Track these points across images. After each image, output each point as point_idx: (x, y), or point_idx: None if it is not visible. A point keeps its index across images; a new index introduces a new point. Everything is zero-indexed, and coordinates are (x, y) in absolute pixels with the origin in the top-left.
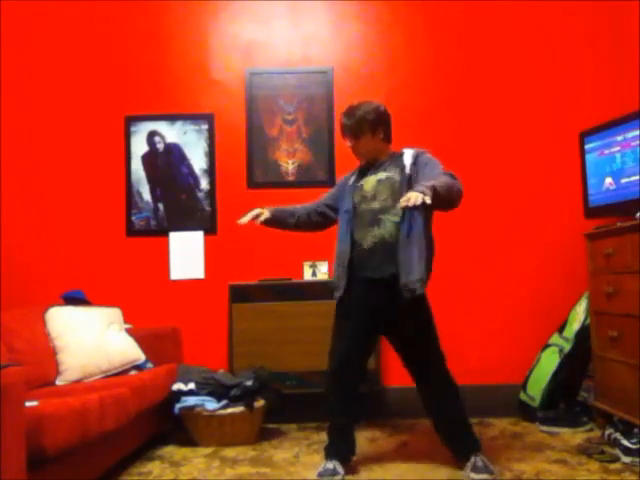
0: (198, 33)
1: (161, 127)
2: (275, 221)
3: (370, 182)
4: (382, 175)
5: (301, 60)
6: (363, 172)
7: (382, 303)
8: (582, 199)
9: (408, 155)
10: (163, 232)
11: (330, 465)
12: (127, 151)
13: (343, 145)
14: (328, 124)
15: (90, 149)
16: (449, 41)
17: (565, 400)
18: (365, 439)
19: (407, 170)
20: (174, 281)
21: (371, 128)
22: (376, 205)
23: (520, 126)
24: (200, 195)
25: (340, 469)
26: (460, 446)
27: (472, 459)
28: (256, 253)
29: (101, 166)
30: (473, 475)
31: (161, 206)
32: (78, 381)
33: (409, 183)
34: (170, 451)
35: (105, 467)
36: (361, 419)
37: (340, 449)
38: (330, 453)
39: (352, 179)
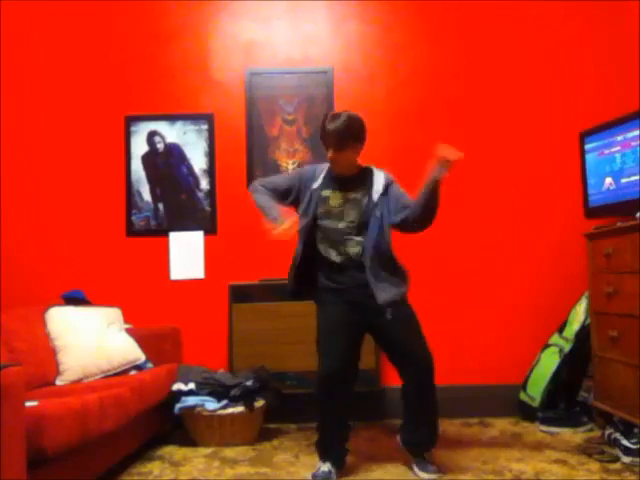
0: (198, 33)
1: (161, 127)
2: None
3: (337, 198)
4: (351, 195)
5: (301, 60)
6: (328, 180)
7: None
8: (582, 199)
9: (379, 180)
10: (163, 232)
11: (325, 468)
12: (127, 151)
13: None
14: None
15: (90, 149)
16: (449, 41)
17: (565, 400)
18: (365, 439)
19: (374, 197)
20: (174, 281)
21: (352, 142)
22: (342, 225)
23: (520, 126)
24: (200, 195)
25: (334, 472)
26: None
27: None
28: (256, 253)
29: (101, 166)
30: (423, 475)
31: (161, 206)
32: (78, 381)
33: (374, 209)
34: (170, 451)
35: (105, 467)
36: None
37: (335, 451)
38: (324, 455)
39: (317, 182)
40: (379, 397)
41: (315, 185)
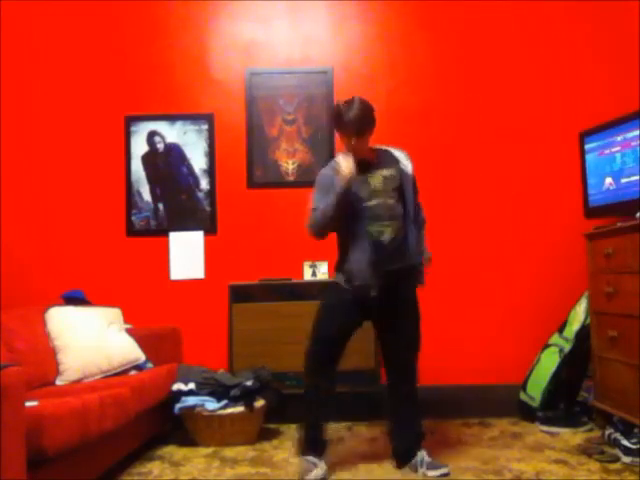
0: (198, 33)
1: (161, 127)
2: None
3: (376, 178)
4: (386, 172)
5: (301, 60)
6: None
7: (383, 293)
8: (582, 199)
9: (402, 157)
10: (163, 232)
11: (310, 459)
12: (127, 151)
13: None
14: (328, 124)
15: (90, 149)
16: (449, 41)
17: (565, 400)
18: (365, 439)
19: (409, 171)
20: (174, 281)
21: (371, 126)
22: (390, 200)
23: (520, 126)
24: (200, 195)
25: (320, 463)
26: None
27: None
28: (256, 253)
29: (101, 166)
30: (431, 472)
31: (161, 206)
32: (78, 381)
33: (413, 183)
34: (170, 451)
35: (105, 467)
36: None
37: (319, 443)
38: (308, 448)
39: None
40: (379, 397)
41: None
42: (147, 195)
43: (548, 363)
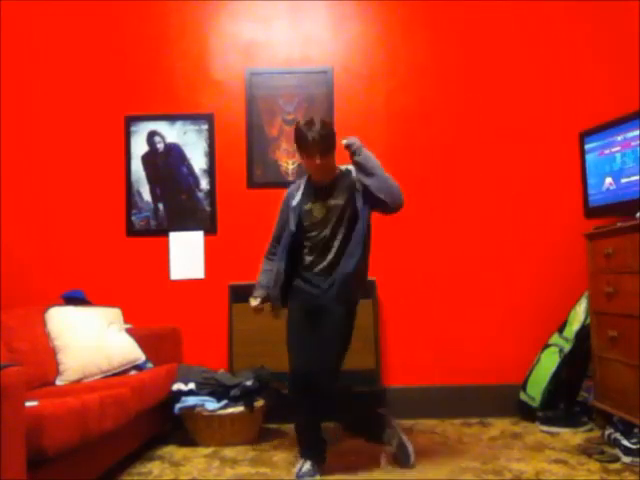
0: (198, 33)
1: (161, 127)
2: (270, 293)
3: (319, 208)
4: (332, 202)
5: (301, 60)
6: (309, 193)
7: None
8: (582, 199)
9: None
10: (163, 232)
11: (308, 465)
12: (127, 151)
13: (342, 145)
14: None
15: (90, 149)
16: (449, 41)
17: (565, 400)
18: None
19: (358, 198)
20: (174, 281)
21: (334, 144)
22: (327, 233)
23: (520, 126)
24: (200, 195)
25: (317, 469)
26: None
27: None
28: (256, 253)
29: (101, 166)
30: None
31: (161, 206)
32: (78, 381)
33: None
34: (170, 451)
35: (105, 467)
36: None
37: (316, 450)
38: (306, 454)
39: (296, 199)
40: (379, 397)
41: (294, 202)
42: (147, 195)
43: (548, 363)
